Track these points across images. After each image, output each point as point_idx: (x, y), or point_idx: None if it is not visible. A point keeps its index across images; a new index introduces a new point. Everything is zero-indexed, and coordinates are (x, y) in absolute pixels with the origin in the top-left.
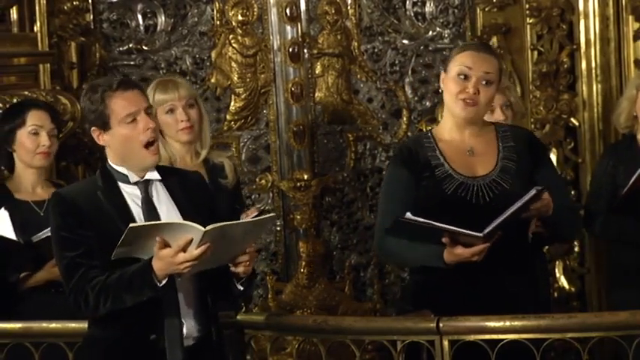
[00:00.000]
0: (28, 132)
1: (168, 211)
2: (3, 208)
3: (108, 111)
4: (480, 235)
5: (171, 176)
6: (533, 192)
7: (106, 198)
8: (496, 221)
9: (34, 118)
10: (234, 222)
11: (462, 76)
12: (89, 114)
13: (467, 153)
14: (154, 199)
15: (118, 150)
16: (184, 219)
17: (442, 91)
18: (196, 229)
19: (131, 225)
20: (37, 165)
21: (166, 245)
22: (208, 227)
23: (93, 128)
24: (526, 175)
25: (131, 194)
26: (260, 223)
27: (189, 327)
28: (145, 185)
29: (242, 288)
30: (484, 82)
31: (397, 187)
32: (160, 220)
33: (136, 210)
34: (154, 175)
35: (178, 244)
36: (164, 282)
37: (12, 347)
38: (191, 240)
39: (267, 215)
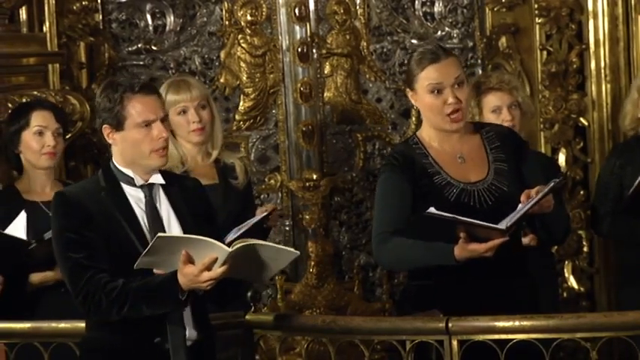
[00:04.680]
0: (33, 133)
1: (168, 216)
2: (23, 211)
3: (125, 112)
4: (502, 227)
5: (172, 182)
6: (551, 184)
7: (111, 199)
8: (517, 214)
9: (39, 119)
10: (258, 243)
11: (436, 92)
12: (104, 111)
13: (458, 160)
14: (157, 203)
15: (125, 152)
16: (182, 226)
17: (416, 108)
18: (221, 249)
19: (160, 234)
20: (44, 165)
21: (190, 261)
22: (233, 248)
23: (105, 126)
24: (517, 174)
25: (134, 197)
26: (283, 253)
27: (188, 333)
28: (150, 189)
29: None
30: (457, 86)
31: (395, 194)
32: (162, 224)
33: (140, 213)
34: (158, 179)
35: (203, 263)
36: (185, 297)
37: (21, 347)
38: (216, 259)
39: (291, 250)
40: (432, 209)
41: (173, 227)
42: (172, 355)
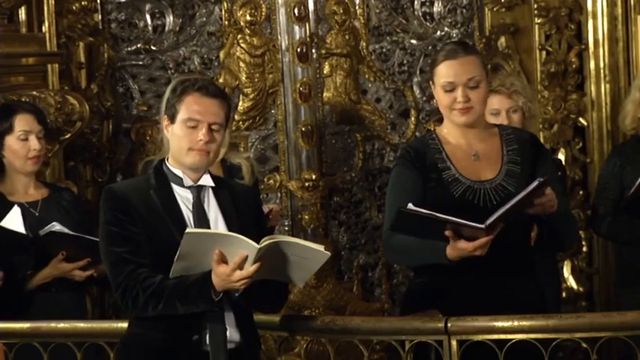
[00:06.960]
0: (17, 137)
1: (216, 218)
2: (16, 205)
3: (178, 106)
4: (482, 226)
5: (223, 186)
6: (535, 183)
7: (159, 198)
8: (498, 212)
9: (22, 123)
10: (287, 240)
11: (448, 89)
12: (167, 102)
13: (472, 157)
14: (205, 205)
15: (172, 146)
16: (229, 229)
17: (436, 101)
18: (251, 245)
19: (188, 230)
20: (29, 170)
21: (223, 260)
22: (262, 244)
23: (164, 116)
24: (531, 178)
25: (183, 197)
26: (313, 252)
27: (230, 333)
28: (198, 190)
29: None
30: (471, 87)
31: (405, 187)
32: (209, 225)
33: (187, 213)
34: (207, 180)
35: (234, 262)
36: (220, 297)
37: (20, 347)
38: (246, 257)
39: (321, 249)
40: (410, 205)
41: (220, 229)
42: (212, 355)
